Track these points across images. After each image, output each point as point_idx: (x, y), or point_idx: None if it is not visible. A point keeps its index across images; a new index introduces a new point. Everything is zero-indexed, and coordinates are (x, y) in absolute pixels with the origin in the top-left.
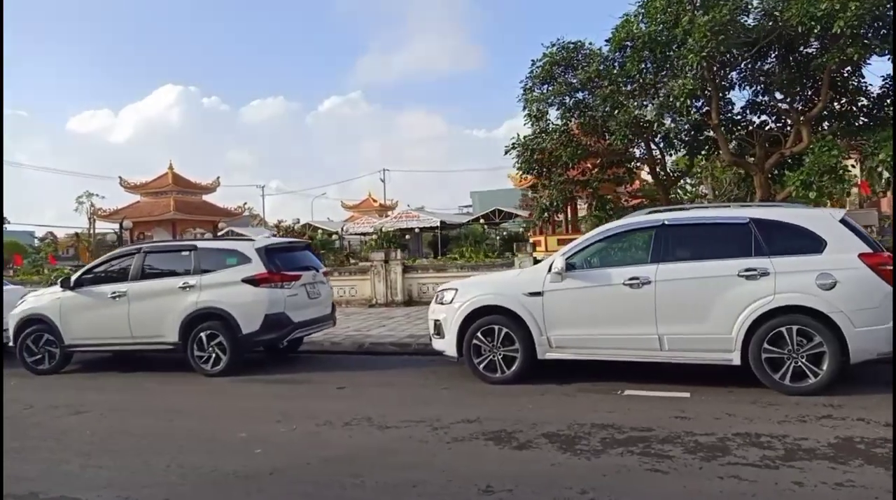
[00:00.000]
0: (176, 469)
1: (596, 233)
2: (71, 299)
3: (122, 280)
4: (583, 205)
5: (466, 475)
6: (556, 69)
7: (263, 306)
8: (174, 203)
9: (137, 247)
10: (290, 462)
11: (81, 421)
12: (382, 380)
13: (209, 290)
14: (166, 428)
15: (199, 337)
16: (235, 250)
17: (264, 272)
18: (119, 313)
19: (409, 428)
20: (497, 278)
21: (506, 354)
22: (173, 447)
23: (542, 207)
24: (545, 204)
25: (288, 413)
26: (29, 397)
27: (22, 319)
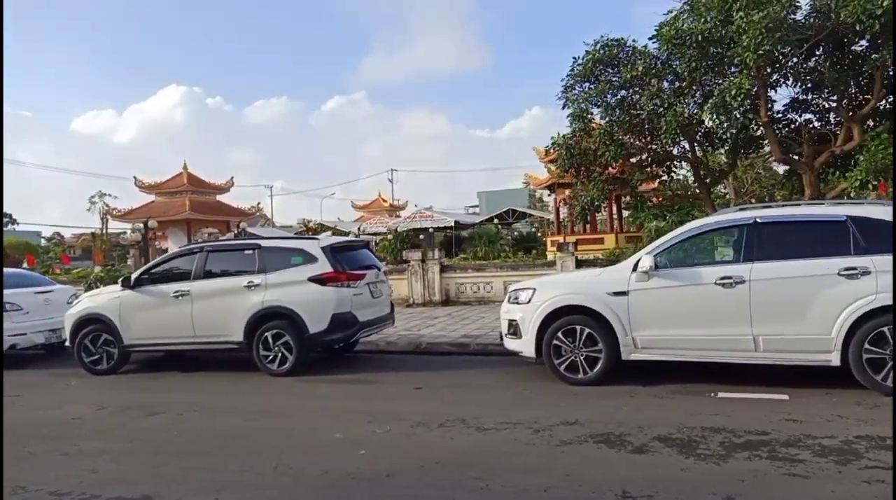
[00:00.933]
0: (285, 471)
1: (683, 231)
2: (131, 298)
3: (184, 279)
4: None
5: (594, 480)
6: (597, 67)
7: (331, 306)
8: (189, 203)
9: (199, 246)
10: (402, 465)
11: (161, 422)
12: (456, 381)
13: (275, 289)
14: (253, 428)
15: (265, 336)
16: (301, 249)
17: (331, 271)
18: (182, 312)
19: (508, 430)
20: (577, 278)
21: (588, 354)
22: (270, 448)
23: (582, 206)
24: (585, 202)
25: (374, 414)
26: (95, 397)
27: (79, 319)
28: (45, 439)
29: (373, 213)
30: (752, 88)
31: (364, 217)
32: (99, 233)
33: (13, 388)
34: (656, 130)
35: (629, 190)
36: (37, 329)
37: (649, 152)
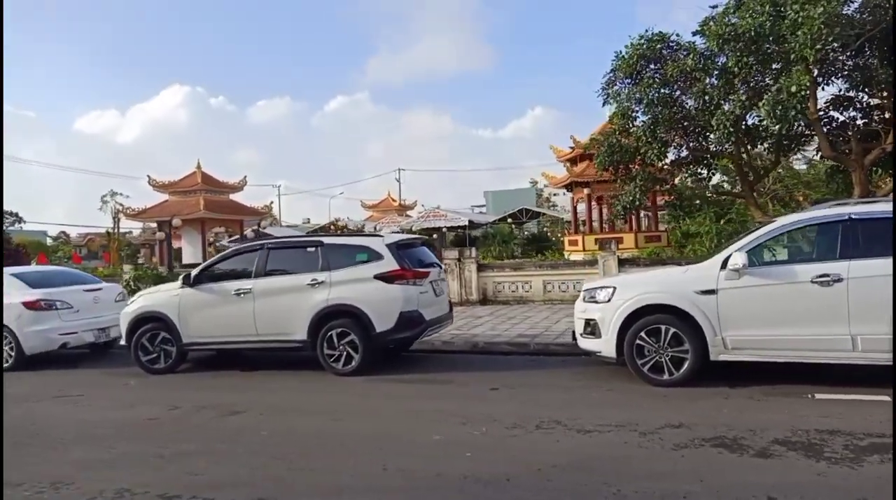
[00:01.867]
0: (395, 472)
1: (774, 227)
2: (190, 296)
3: (245, 277)
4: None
5: (732, 486)
6: (640, 63)
7: (398, 304)
8: (204, 202)
9: (259, 243)
10: (517, 468)
11: (244, 422)
12: (529, 381)
13: (340, 286)
14: (342, 429)
15: (330, 335)
16: (366, 247)
17: (398, 269)
18: (244, 310)
19: (612, 433)
20: (661, 276)
21: (674, 355)
22: (371, 449)
23: (623, 204)
24: (628, 200)
25: (462, 415)
26: (162, 397)
27: (136, 317)
28: (130, 439)
29: (382, 212)
30: (809, 86)
31: (374, 217)
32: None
33: (72, 387)
34: (702, 128)
35: (668, 189)
36: (87, 328)
37: (690, 150)
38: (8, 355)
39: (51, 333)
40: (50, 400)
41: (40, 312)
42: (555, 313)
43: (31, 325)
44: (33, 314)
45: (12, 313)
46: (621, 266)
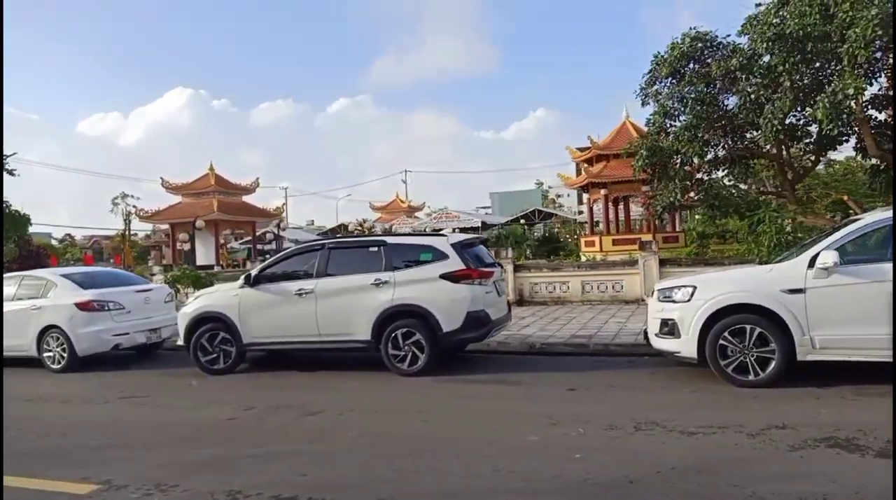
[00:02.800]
0: (508, 474)
1: (861, 226)
2: (250, 296)
3: (306, 277)
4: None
5: (870, 488)
6: (682, 62)
7: (465, 304)
8: (217, 204)
9: (320, 243)
10: (634, 470)
11: (326, 422)
12: (606, 381)
13: (405, 286)
14: (430, 429)
15: (395, 335)
16: (431, 246)
17: (464, 268)
18: (306, 310)
19: (718, 434)
20: (744, 274)
21: (759, 355)
22: (471, 450)
23: (663, 204)
24: (668, 200)
25: (550, 416)
26: (232, 397)
27: (195, 317)
28: (216, 440)
29: (391, 213)
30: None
31: (383, 218)
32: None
33: (135, 388)
34: (744, 127)
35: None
36: (139, 329)
37: (729, 150)
38: (59, 356)
39: (104, 334)
40: (117, 401)
41: (93, 312)
42: (599, 313)
43: (85, 326)
44: (86, 315)
45: (64, 314)
46: (663, 266)
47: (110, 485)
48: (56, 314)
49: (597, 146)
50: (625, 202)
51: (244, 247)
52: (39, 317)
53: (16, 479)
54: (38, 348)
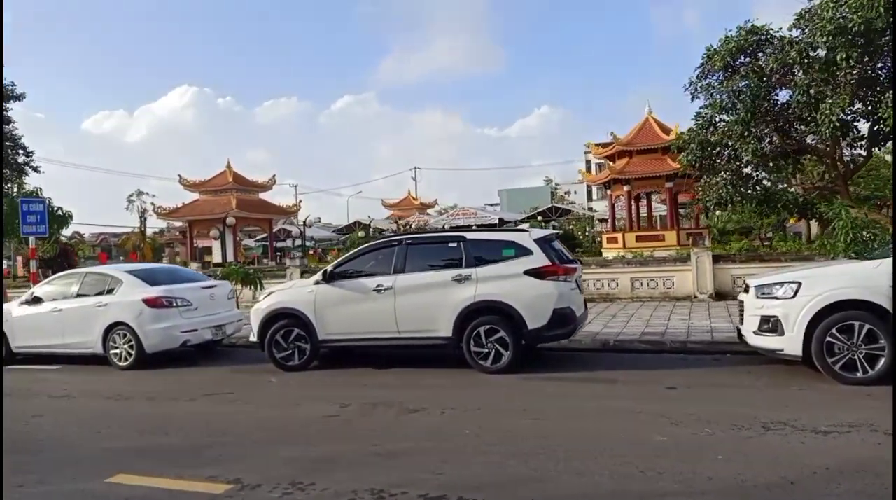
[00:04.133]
0: (655, 475)
1: None
2: (327, 292)
3: (384, 273)
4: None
5: None
6: (736, 56)
7: (552, 300)
8: (236, 201)
9: (397, 239)
10: (789, 472)
11: (433, 420)
12: (704, 380)
13: (487, 282)
14: (548, 428)
15: (477, 332)
16: (513, 242)
17: (549, 264)
18: (384, 307)
19: (853, 434)
20: (850, 270)
21: (868, 352)
22: (602, 449)
23: (713, 200)
24: (720, 196)
25: (667, 415)
26: (319, 394)
27: (270, 313)
28: (330, 438)
29: (403, 211)
30: None
31: (395, 215)
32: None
33: (215, 386)
34: (798, 122)
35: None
36: (206, 325)
37: (780, 145)
38: (127, 353)
39: (173, 330)
40: (203, 399)
41: (161, 309)
42: (655, 310)
43: (153, 322)
44: (155, 312)
45: (132, 311)
46: (716, 262)
47: (242, 484)
48: (124, 311)
49: (619, 142)
50: (647, 199)
51: (259, 244)
52: (106, 314)
53: (138, 478)
54: (103, 346)
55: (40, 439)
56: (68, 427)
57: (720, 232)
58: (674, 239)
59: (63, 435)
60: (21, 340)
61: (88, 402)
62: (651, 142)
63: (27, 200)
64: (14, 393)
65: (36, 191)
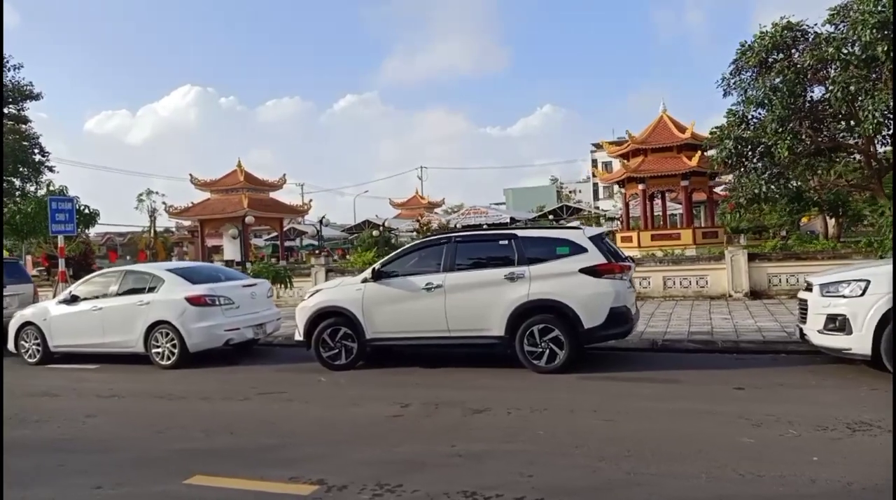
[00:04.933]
0: (754, 478)
1: None
2: (375, 291)
3: (433, 271)
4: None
5: None
6: (771, 53)
7: (609, 299)
8: (248, 200)
9: (446, 236)
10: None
11: (502, 420)
12: (770, 380)
13: (541, 281)
14: (623, 429)
15: (531, 331)
16: (567, 239)
17: (605, 262)
18: (434, 305)
19: None
20: None
21: None
22: (693, 451)
23: (747, 197)
24: (753, 192)
25: (745, 416)
26: (374, 394)
27: (317, 312)
28: (405, 439)
29: (411, 210)
30: None
31: (402, 214)
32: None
33: (264, 385)
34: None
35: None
36: (247, 324)
37: (814, 142)
38: (169, 352)
39: (216, 329)
40: (258, 398)
41: (204, 307)
42: (693, 309)
43: (197, 321)
44: (198, 310)
45: (175, 310)
46: (752, 261)
47: (328, 485)
48: (166, 309)
49: (634, 140)
50: (662, 198)
51: (268, 243)
52: (148, 312)
53: (218, 479)
54: (145, 345)
55: (104, 439)
56: (127, 428)
57: (733, 231)
58: (689, 238)
59: (125, 436)
60: (59, 339)
61: (140, 402)
62: (666, 140)
63: (56, 198)
64: (61, 393)
65: (62, 189)
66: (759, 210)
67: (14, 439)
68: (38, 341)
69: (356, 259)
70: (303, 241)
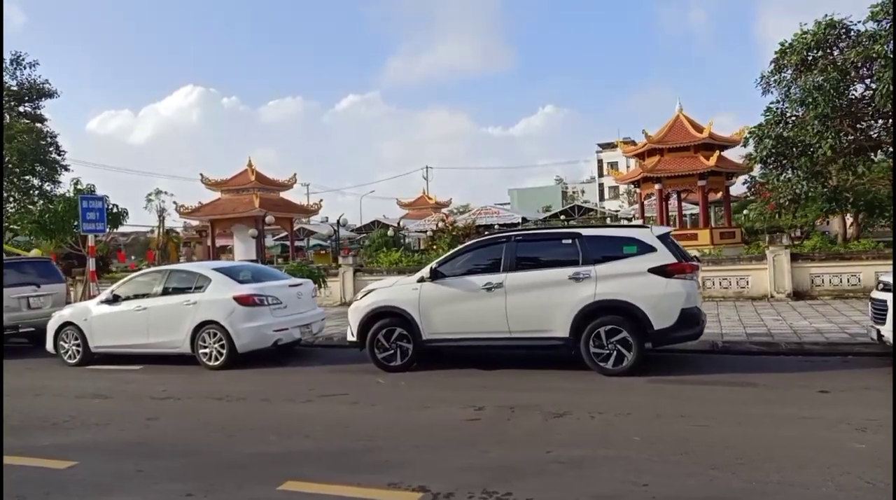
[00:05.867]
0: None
1: None
2: (432, 290)
3: (492, 271)
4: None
5: None
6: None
7: (680, 299)
8: (259, 200)
9: (505, 235)
10: None
11: (587, 425)
12: (853, 383)
13: (608, 281)
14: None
15: (598, 332)
16: (634, 238)
17: (676, 262)
18: (494, 306)
19: None
20: None
21: None
22: (805, 460)
23: (788, 196)
24: (794, 192)
25: (845, 421)
26: (443, 396)
27: (371, 312)
28: (489, 444)
29: (418, 210)
30: None
31: (410, 214)
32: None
33: (324, 386)
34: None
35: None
36: (294, 324)
37: (856, 141)
38: (217, 353)
39: (265, 329)
40: (321, 400)
41: (253, 307)
42: (739, 310)
43: (245, 321)
44: (246, 310)
45: (224, 309)
46: (794, 260)
47: (432, 493)
48: (214, 309)
49: (651, 140)
50: (678, 197)
51: (277, 243)
52: (195, 312)
53: (312, 485)
54: (192, 345)
55: (174, 442)
56: (194, 430)
57: (748, 231)
58: (707, 238)
59: (195, 439)
60: (100, 339)
61: (198, 403)
62: (683, 140)
63: (87, 197)
64: (112, 394)
65: (90, 188)
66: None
67: (79, 442)
68: (77, 341)
69: (383, 259)
70: (310, 241)
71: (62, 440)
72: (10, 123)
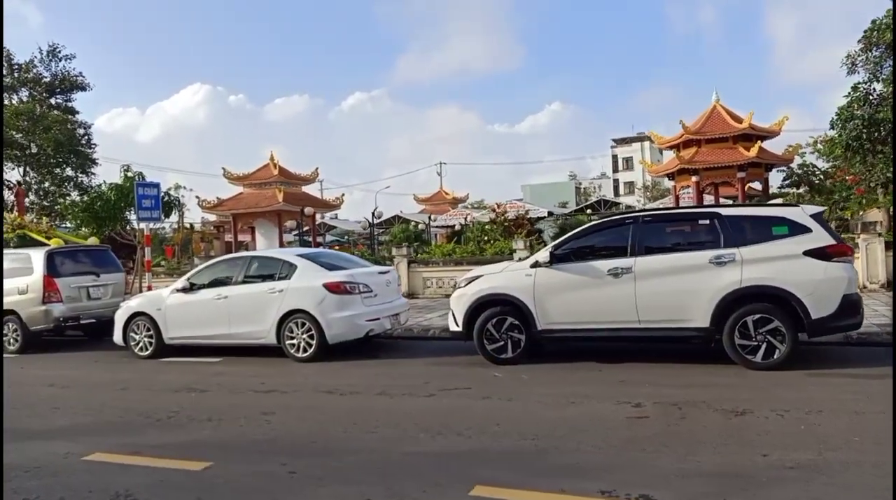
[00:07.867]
0: None
1: None
2: (548, 276)
3: (619, 255)
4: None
5: None
6: None
7: (842, 285)
8: (283, 194)
9: (631, 216)
10: None
11: (776, 423)
12: None
13: (756, 265)
14: None
15: (744, 322)
16: (785, 218)
17: (834, 243)
18: (622, 293)
19: None
20: None
21: None
22: None
23: (880, 181)
24: (887, 177)
25: None
26: (578, 391)
27: (479, 300)
28: (680, 445)
29: (435, 205)
30: None
31: (426, 209)
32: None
33: (436, 380)
34: None
35: None
36: (385, 313)
37: None
38: (306, 343)
39: (357, 319)
40: (442, 394)
41: (345, 295)
42: None
43: (336, 310)
44: (338, 298)
45: (313, 298)
46: (888, 250)
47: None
48: (303, 298)
49: (688, 131)
50: (715, 190)
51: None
52: (282, 301)
53: (503, 490)
54: (277, 336)
55: (312, 440)
56: (325, 425)
57: None
58: None
59: (332, 436)
60: (175, 330)
61: (309, 397)
62: (722, 130)
63: (142, 183)
64: (206, 388)
65: (139, 175)
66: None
67: (199, 440)
68: (150, 332)
69: (436, 250)
70: (326, 237)
71: (180, 437)
72: (42, 113)
